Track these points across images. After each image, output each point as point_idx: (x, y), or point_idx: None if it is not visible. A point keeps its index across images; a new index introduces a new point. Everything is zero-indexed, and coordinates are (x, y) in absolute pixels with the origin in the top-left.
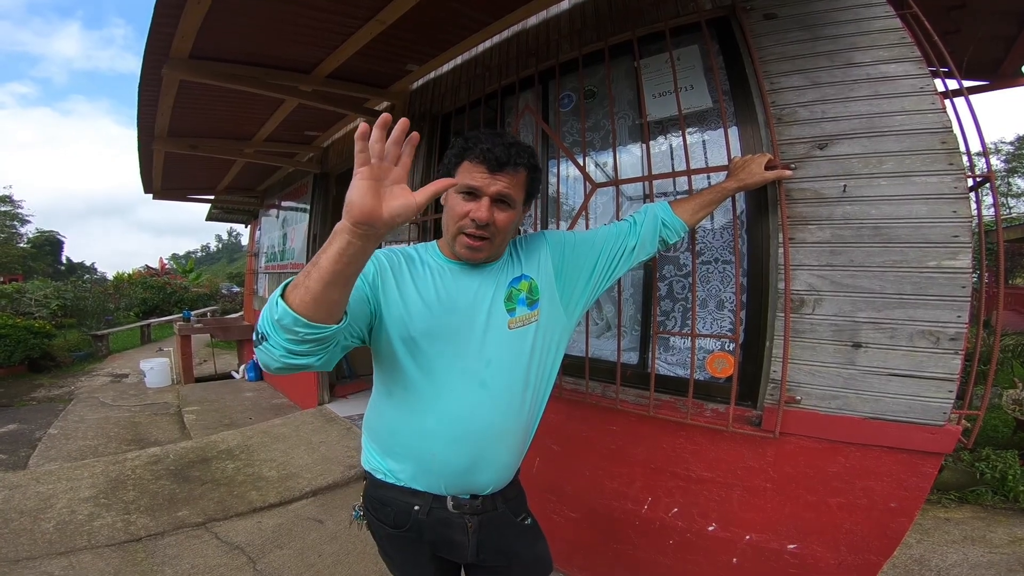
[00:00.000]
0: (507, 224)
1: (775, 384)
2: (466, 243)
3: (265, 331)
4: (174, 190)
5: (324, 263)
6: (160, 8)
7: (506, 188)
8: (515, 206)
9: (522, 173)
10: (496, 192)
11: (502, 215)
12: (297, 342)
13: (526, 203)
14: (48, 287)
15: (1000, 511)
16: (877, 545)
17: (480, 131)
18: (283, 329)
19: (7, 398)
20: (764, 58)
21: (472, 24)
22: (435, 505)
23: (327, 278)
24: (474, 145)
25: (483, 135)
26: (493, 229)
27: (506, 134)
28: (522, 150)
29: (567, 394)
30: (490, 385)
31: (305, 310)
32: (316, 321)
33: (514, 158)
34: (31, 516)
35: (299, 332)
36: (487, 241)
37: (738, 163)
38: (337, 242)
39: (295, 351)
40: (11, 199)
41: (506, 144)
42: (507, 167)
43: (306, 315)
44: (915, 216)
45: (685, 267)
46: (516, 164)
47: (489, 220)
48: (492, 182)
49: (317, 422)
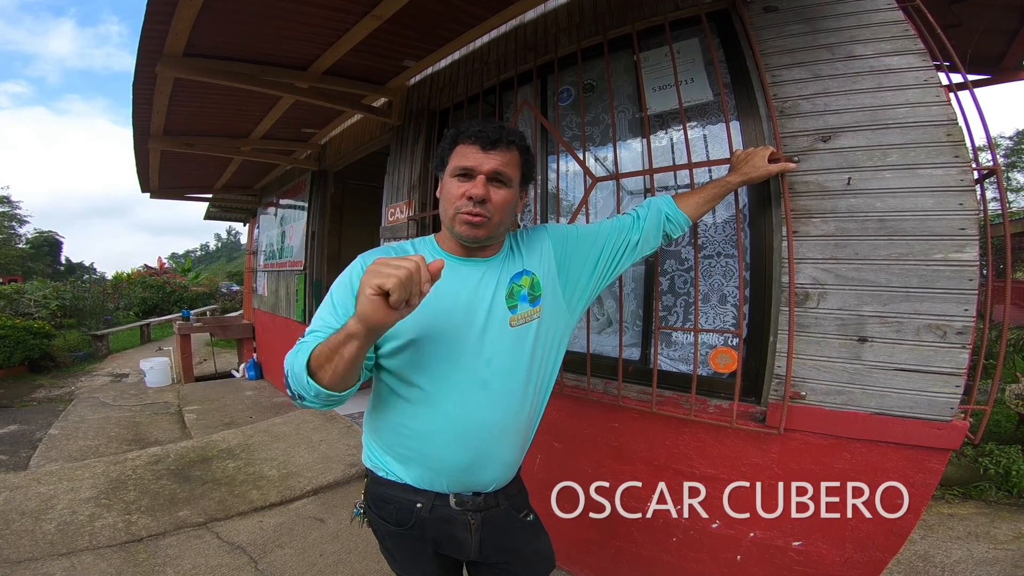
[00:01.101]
0: (504, 203)
1: (779, 379)
2: (465, 219)
3: (302, 395)
4: (172, 189)
5: (347, 356)
6: (153, 5)
7: (500, 165)
8: (511, 185)
9: (515, 151)
10: (491, 169)
11: (498, 193)
12: (332, 401)
13: (523, 186)
14: (47, 287)
15: (1004, 507)
16: (883, 542)
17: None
18: (320, 398)
19: (7, 399)
20: (765, 51)
21: (470, 19)
22: (437, 502)
23: (350, 366)
24: (465, 129)
25: (472, 120)
26: (491, 207)
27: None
28: (512, 131)
29: (568, 391)
30: (491, 384)
31: (335, 387)
32: (345, 390)
33: (505, 136)
34: (32, 517)
35: (333, 397)
36: (486, 218)
37: (741, 156)
38: (354, 343)
39: (331, 403)
40: (9, 200)
41: (496, 126)
42: (499, 144)
43: (337, 389)
44: (921, 209)
45: (687, 261)
46: (508, 142)
47: (485, 196)
48: (486, 160)
49: (318, 420)
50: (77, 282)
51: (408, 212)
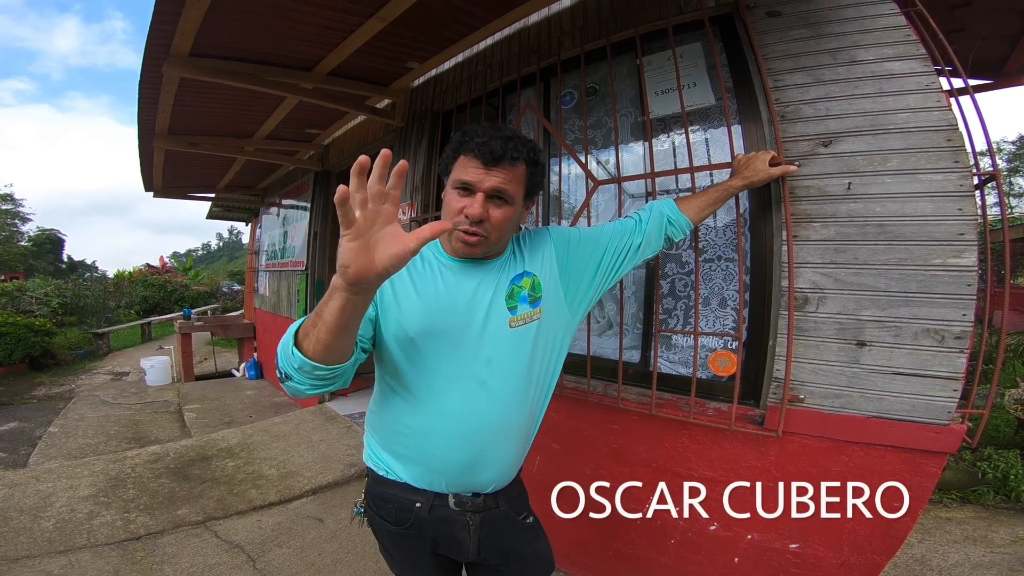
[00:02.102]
0: (503, 221)
1: (778, 383)
2: (461, 238)
3: (288, 372)
4: (175, 188)
5: (328, 318)
6: (160, 6)
7: (501, 183)
8: (512, 202)
9: (520, 168)
10: (490, 188)
11: (497, 212)
12: (318, 379)
13: (528, 199)
14: (49, 285)
15: (1002, 511)
16: (880, 545)
17: (479, 123)
18: (304, 372)
19: (8, 396)
20: (767, 55)
21: (474, 21)
22: (437, 502)
23: (333, 331)
24: (470, 139)
25: (481, 128)
26: (488, 227)
27: (506, 127)
28: (521, 143)
29: (568, 393)
30: (490, 384)
31: (319, 357)
32: (331, 364)
33: (511, 152)
34: (31, 514)
35: (318, 373)
36: (482, 238)
37: (742, 160)
38: (336, 300)
39: (318, 384)
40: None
41: (504, 138)
42: (503, 161)
43: (321, 361)
44: (920, 214)
45: (688, 265)
46: (513, 158)
47: (483, 216)
48: (486, 177)
49: (317, 420)
50: (79, 280)
51: (411, 213)
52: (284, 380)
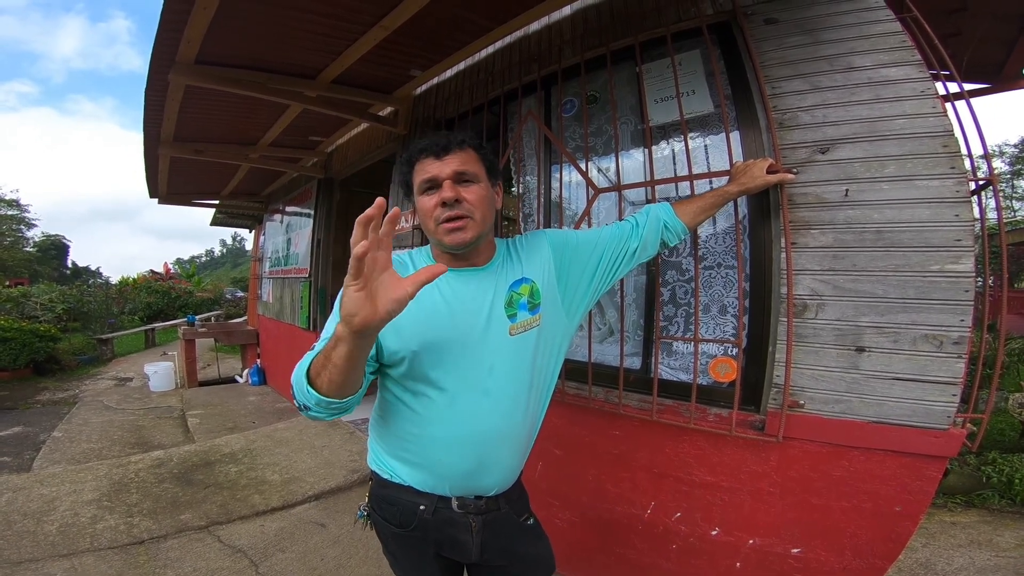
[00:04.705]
0: (479, 198)
1: (778, 388)
2: (447, 228)
3: (306, 404)
4: (180, 195)
5: (337, 362)
6: (167, 15)
7: (460, 165)
8: (478, 180)
9: (470, 151)
10: (452, 172)
11: (470, 190)
12: (335, 410)
13: (492, 178)
14: (53, 291)
15: (1007, 515)
16: (882, 549)
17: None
18: (322, 406)
19: (12, 401)
20: (765, 63)
21: (475, 30)
22: (440, 505)
23: (343, 372)
24: (416, 148)
25: (418, 140)
26: (468, 206)
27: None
28: (460, 135)
29: (570, 399)
30: (493, 392)
31: (334, 394)
32: (344, 397)
33: (455, 141)
34: (34, 518)
35: (334, 404)
36: (467, 219)
37: (740, 167)
38: (343, 347)
39: (336, 413)
40: (18, 203)
41: (443, 134)
42: (451, 148)
43: (335, 396)
44: (917, 220)
45: (688, 272)
46: (460, 144)
47: (457, 196)
48: (444, 165)
49: (320, 426)
50: (83, 286)
51: (413, 221)
52: (303, 410)
